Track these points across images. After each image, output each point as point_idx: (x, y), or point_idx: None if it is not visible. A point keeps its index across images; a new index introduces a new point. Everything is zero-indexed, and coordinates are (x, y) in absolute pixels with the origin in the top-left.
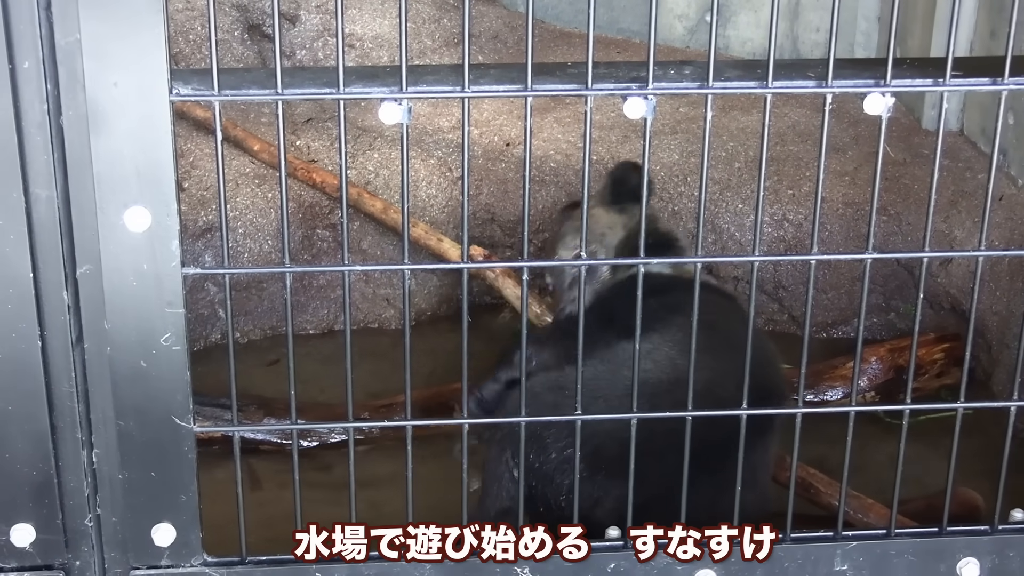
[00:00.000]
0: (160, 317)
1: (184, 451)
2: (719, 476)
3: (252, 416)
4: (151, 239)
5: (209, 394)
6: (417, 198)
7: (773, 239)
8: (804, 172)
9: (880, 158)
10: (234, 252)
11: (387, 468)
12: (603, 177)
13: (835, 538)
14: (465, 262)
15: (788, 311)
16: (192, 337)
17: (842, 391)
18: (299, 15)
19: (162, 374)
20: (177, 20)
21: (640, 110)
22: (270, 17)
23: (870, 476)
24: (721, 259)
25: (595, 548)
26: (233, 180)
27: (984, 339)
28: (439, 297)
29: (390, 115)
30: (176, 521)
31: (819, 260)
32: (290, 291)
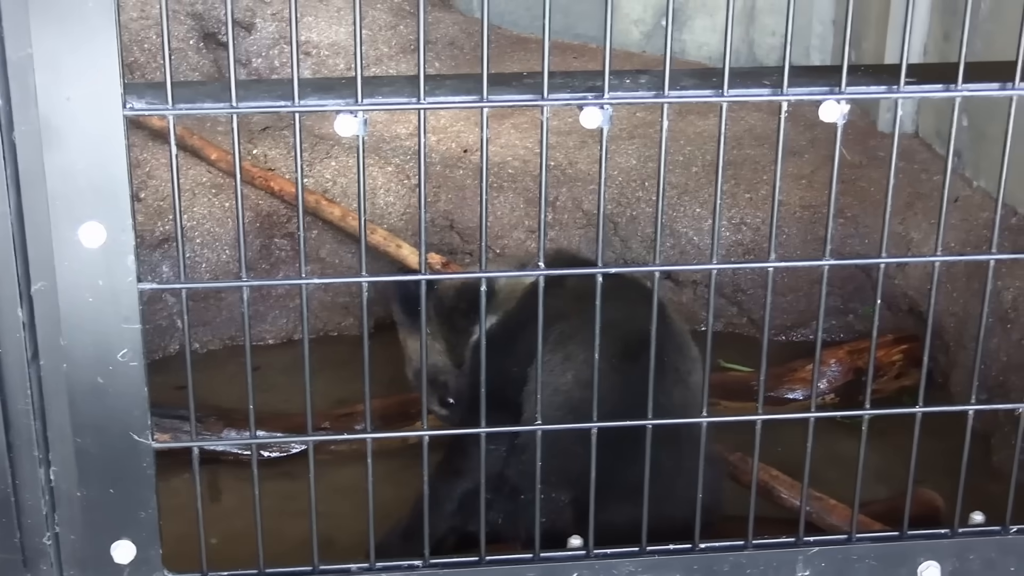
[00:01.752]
0: (117, 333)
1: (143, 467)
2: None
3: (212, 427)
4: (106, 254)
5: (168, 405)
6: (375, 205)
7: (731, 243)
8: (761, 176)
9: (837, 162)
10: (192, 262)
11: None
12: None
13: (797, 544)
14: (424, 272)
15: (747, 314)
16: (149, 348)
17: (802, 393)
18: (255, 23)
19: (120, 390)
20: (131, 29)
21: (596, 120)
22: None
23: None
24: (680, 268)
25: (557, 558)
26: (190, 189)
27: (942, 340)
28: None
29: (346, 127)
30: (136, 538)
31: (777, 267)
32: (247, 304)
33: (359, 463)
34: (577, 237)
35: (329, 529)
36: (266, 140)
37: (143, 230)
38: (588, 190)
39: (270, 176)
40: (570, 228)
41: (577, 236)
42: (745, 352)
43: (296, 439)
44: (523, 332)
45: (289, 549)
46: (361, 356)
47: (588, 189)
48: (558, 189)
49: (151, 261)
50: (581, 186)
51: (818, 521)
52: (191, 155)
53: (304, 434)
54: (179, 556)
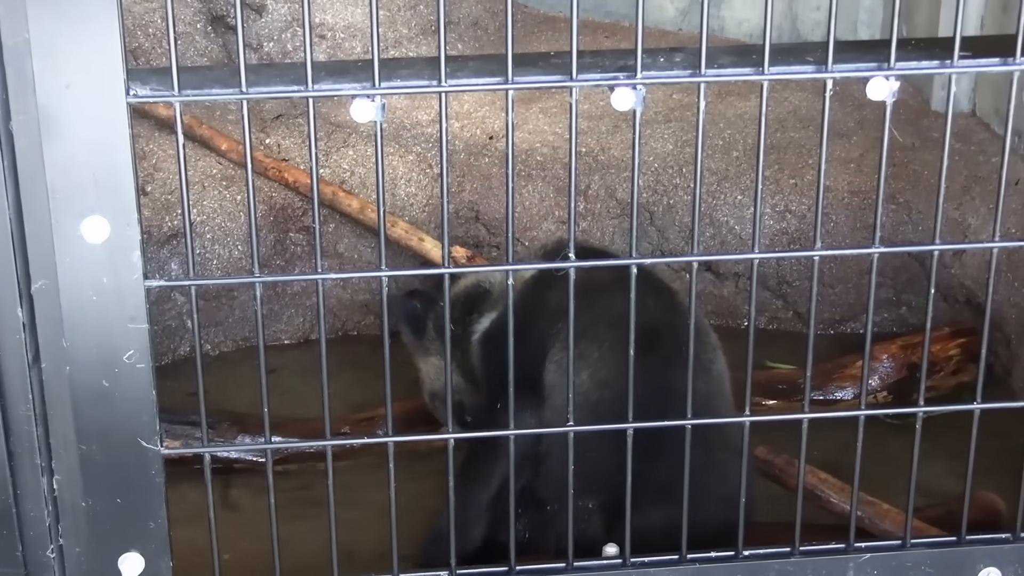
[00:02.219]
0: (123, 333)
1: (152, 475)
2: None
3: (225, 433)
4: (111, 250)
5: (179, 411)
6: (396, 197)
7: (775, 232)
8: (806, 160)
9: (886, 144)
10: (202, 259)
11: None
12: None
13: (847, 550)
14: (447, 266)
15: (793, 308)
16: (159, 351)
17: (852, 391)
18: (266, 4)
19: (126, 394)
20: (135, 13)
21: (629, 101)
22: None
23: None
24: (719, 257)
25: (592, 567)
26: (199, 182)
27: (1002, 333)
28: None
29: (363, 113)
30: (145, 550)
31: (823, 256)
32: (261, 301)
33: (381, 471)
34: (611, 227)
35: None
36: (279, 129)
37: (150, 225)
38: (622, 177)
39: (284, 167)
40: (603, 218)
41: (611, 226)
42: (791, 349)
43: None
44: (526, 329)
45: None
46: (381, 356)
47: (622, 176)
48: (590, 177)
49: (159, 258)
50: (614, 173)
51: (870, 527)
52: (200, 146)
53: (322, 439)
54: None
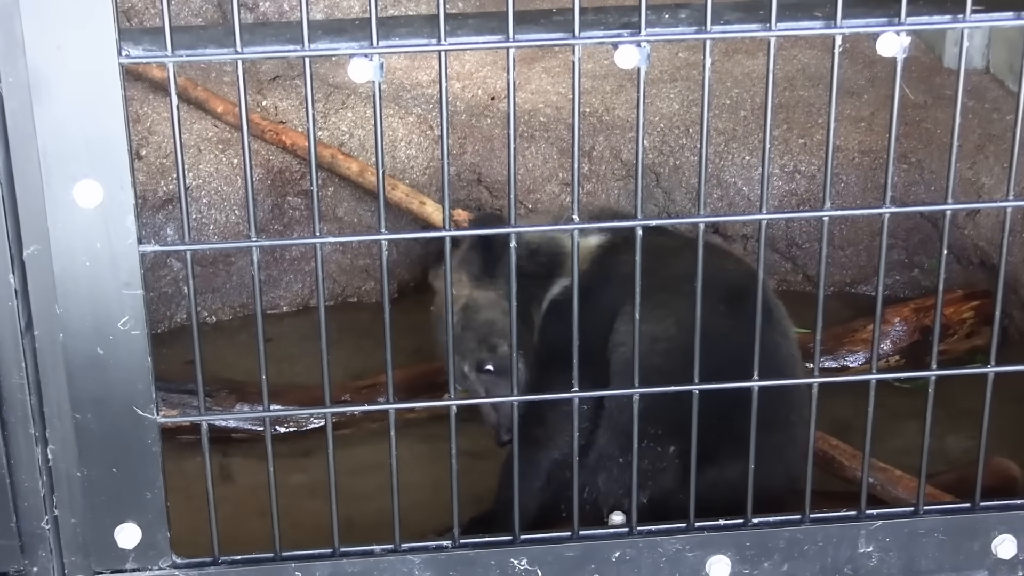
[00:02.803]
0: (117, 299)
1: (148, 444)
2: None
3: (223, 402)
4: (104, 215)
5: (176, 380)
6: (396, 159)
7: (784, 193)
8: (816, 119)
9: (897, 102)
10: (198, 224)
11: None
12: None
13: (858, 517)
14: (448, 229)
15: (802, 270)
16: (155, 318)
17: (863, 356)
18: None
19: (121, 361)
20: None
21: (633, 59)
22: None
23: (897, 444)
24: (726, 218)
25: (598, 536)
26: (195, 146)
27: (1017, 295)
28: (424, 266)
29: (361, 72)
30: (141, 520)
31: (833, 217)
32: (258, 266)
33: (383, 440)
34: (615, 189)
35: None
36: (276, 90)
37: (145, 190)
38: (627, 138)
39: (281, 129)
40: (608, 180)
41: (615, 188)
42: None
43: (313, 411)
44: (601, 292)
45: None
46: (382, 323)
47: (627, 137)
48: (594, 138)
49: (154, 224)
50: (619, 134)
51: (882, 494)
52: (195, 108)
53: (321, 406)
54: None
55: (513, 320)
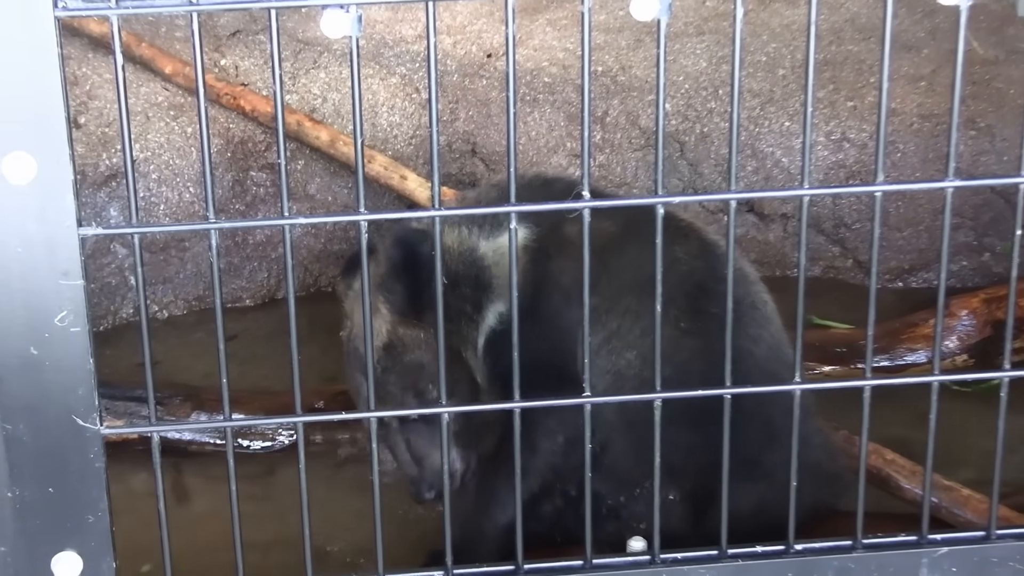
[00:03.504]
0: (54, 291)
1: (90, 459)
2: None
3: (177, 411)
4: (38, 192)
5: (122, 385)
6: (376, 127)
7: (830, 165)
8: (867, 78)
9: (962, 57)
10: (147, 203)
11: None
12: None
13: (919, 543)
14: (437, 208)
15: (852, 255)
16: (97, 313)
17: (925, 354)
18: None
19: (58, 363)
20: None
21: (652, 9)
22: None
23: (964, 459)
24: (762, 194)
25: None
26: (142, 112)
27: None
28: None
29: (335, 26)
30: (82, 548)
31: (887, 192)
32: (217, 252)
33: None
34: (633, 161)
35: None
36: (236, 48)
37: (84, 164)
38: (646, 102)
39: (241, 93)
40: (623, 150)
41: (633, 160)
42: (850, 305)
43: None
44: (540, 316)
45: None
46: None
47: (646, 100)
48: (608, 101)
49: (96, 203)
50: (637, 97)
51: (947, 516)
52: (141, 68)
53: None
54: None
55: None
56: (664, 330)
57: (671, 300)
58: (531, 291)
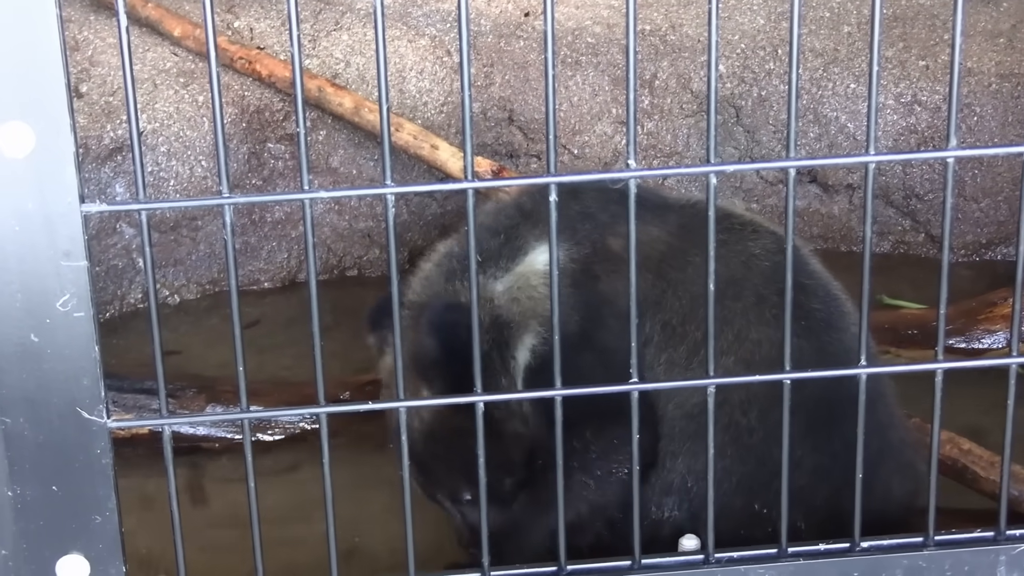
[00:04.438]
0: (55, 273)
1: (96, 455)
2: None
3: (190, 404)
4: (37, 166)
5: (130, 375)
6: (405, 93)
7: (900, 130)
8: (941, 35)
9: None
10: (155, 179)
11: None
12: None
13: (996, 539)
14: (470, 179)
15: (924, 229)
16: (102, 298)
17: (1004, 336)
18: None
19: (61, 351)
20: None
21: None
22: None
23: None
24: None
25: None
26: (149, 79)
27: None
28: (440, 227)
29: None
30: (89, 551)
31: (961, 158)
32: (232, 231)
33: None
34: (684, 128)
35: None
36: (251, 8)
37: (87, 136)
38: (698, 63)
39: (257, 57)
40: (674, 116)
41: (684, 127)
42: (923, 282)
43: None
44: (592, 342)
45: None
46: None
47: (698, 62)
48: (657, 63)
49: (100, 179)
50: (688, 58)
51: None
52: (148, 31)
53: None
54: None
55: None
56: (764, 330)
57: (762, 298)
58: (579, 317)
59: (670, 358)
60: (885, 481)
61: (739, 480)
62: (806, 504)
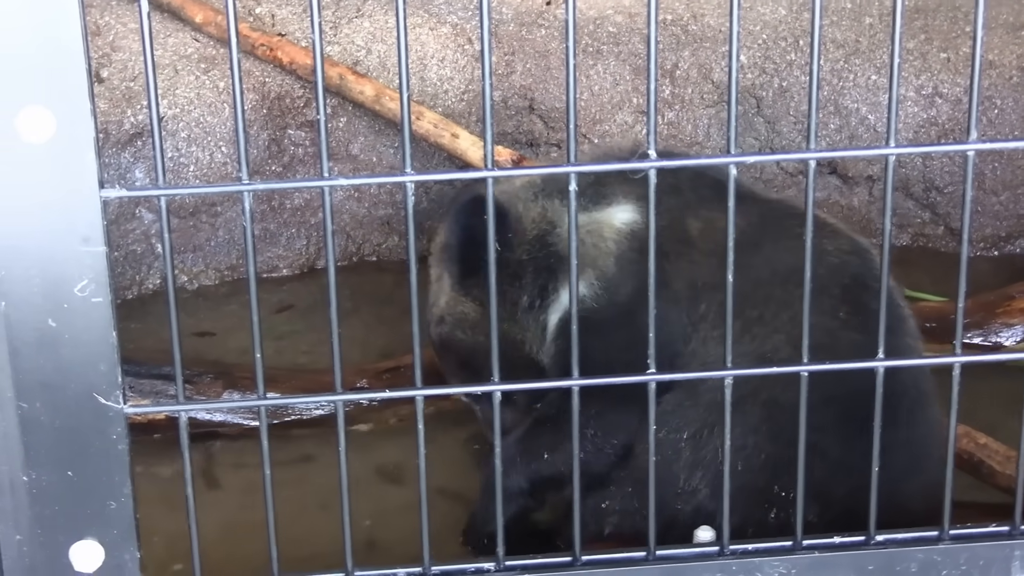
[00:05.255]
0: (74, 258)
1: (112, 441)
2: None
3: (207, 389)
4: (56, 151)
5: (147, 361)
6: (426, 81)
7: (921, 122)
8: (963, 27)
9: None
10: (175, 164)
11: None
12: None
13: (1012, 534)
14: (490, 168)
15: (944, 221)
16: (121, 283)
17: (1022, 331)
18: None
19: (78, 336)
20: None
21: None
22: None
23: None
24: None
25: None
26: (170, 65)
27: None
28: None
29: None
30: (104, 537)
31: (981, 151)
32: (251, 217)
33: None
34: (705, 119)
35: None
36: None
37: (107, 121)
38: (719, 53)
39: (278, 44)
40: (695, 106)
41: (705, 117)
42: (942, 275)
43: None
44: (643, 304)
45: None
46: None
47: (719, 52)
48: (678, 53)
49: (119, 164)
50: (709, 48)
51: None
52: (169, 17)
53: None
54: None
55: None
56: (821, 319)
57: (823, 289)
58: (631, 289)
59: (723, 333)
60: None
61: (767, 458)
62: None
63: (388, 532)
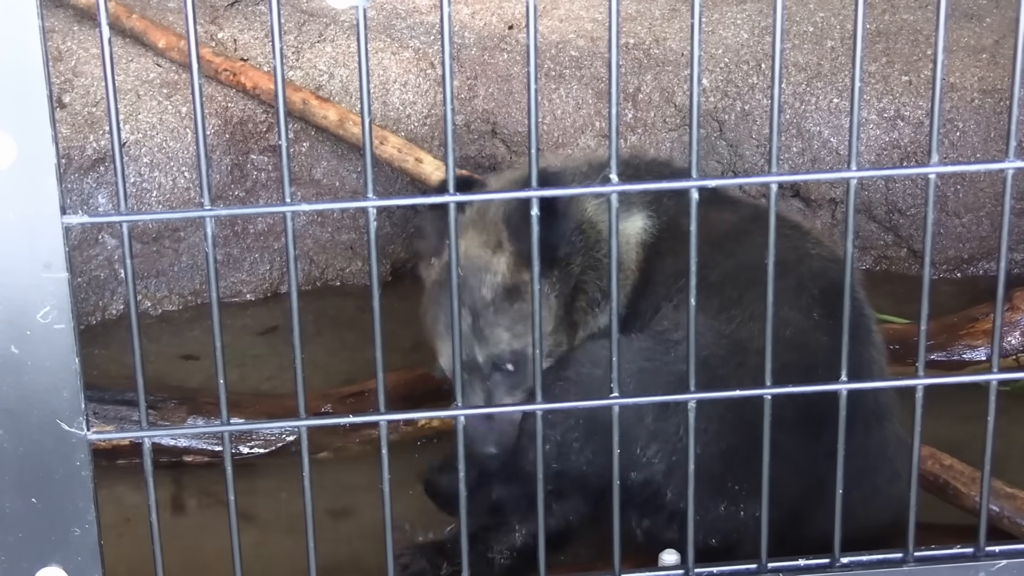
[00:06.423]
0: (35, 285)
1: (76, 467)
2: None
3: (171, 415)
4: (18, 177)
5: (111, 387)
6: (388, 106)
7: (883, 145)
8: (924, 50)
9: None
10: (138, 189)
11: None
12: None
13: (976, 556)
14: (452, 193)
15: (906, 243)
16: (83, 309)
17: (986, 352)
18: None
19: (41, 363)
20: None
21: None
22: None
23: None
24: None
25: None
26: (132, 90)
27: None
28: None
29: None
30: (68, 563)
31: (943, 174)
32: (214, 242)
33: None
34: (667, 141)
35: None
36: (235, 19)
37: (69, 147)
38: (681, 77)
39: (240, 68)
40: (657, 129)
41: (667, 140)
42: (905, 297)
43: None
44: (646, 314)
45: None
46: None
47: (681, 76)
48: (640, 77)
49: (82, 190)
50: (672, 72)
51: (1010, 527)
52: (132, 42)
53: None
54: None
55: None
56: (796, 316)
57: (802, 287)
58: (639, 292)
59: (702, 307)
60: (884, 489)
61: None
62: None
63: (356, 558)
